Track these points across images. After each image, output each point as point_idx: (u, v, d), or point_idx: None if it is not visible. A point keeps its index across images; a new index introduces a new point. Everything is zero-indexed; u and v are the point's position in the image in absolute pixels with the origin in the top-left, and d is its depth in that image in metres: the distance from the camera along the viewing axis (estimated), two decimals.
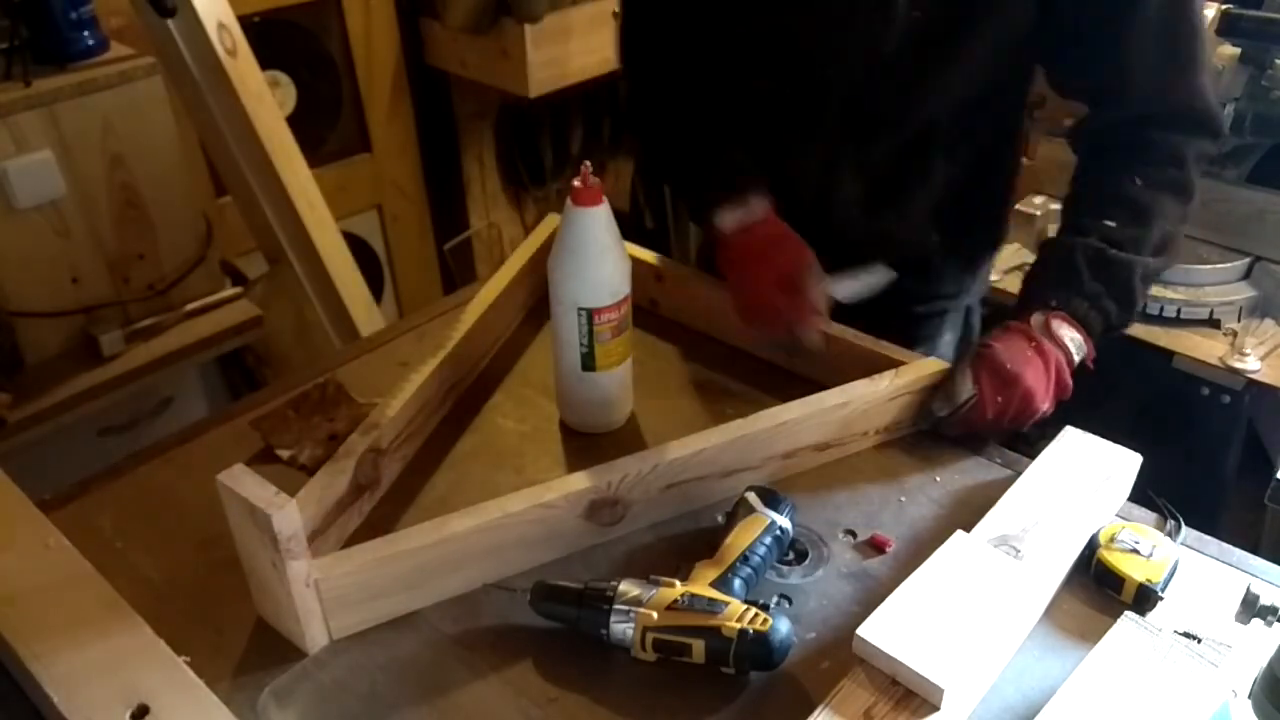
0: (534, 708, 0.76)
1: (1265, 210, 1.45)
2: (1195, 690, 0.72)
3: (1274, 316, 1.43)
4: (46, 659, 0.74)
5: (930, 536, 0.89)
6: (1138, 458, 0.93)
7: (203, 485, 0.80)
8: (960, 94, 1.07)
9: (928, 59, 1.04)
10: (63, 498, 0.96)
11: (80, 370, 1.59)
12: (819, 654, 0.79)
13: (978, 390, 0.96)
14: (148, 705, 0.70)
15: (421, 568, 0.82)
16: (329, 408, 1.06)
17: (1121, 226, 1.00)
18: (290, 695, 0.77)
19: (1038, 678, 0.77)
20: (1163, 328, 1.43)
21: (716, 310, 1.17)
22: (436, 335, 1.08)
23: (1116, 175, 1.02)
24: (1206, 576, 0.85)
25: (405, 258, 2.59)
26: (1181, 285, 1.46)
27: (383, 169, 2.44)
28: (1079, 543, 0.85)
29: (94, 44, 1.56)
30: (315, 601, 0.79)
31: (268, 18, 2.10)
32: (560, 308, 0.97)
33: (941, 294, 1.25)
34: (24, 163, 1.46)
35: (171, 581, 0.87)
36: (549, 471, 0.99)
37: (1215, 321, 1.43)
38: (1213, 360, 1.36)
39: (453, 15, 2.21)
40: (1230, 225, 1.50)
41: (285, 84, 2.20)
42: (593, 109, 2.63)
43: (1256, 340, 1.38)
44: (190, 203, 1.70)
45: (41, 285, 1.56)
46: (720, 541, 0.84)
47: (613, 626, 0.77)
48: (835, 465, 0.99)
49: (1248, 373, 1.34)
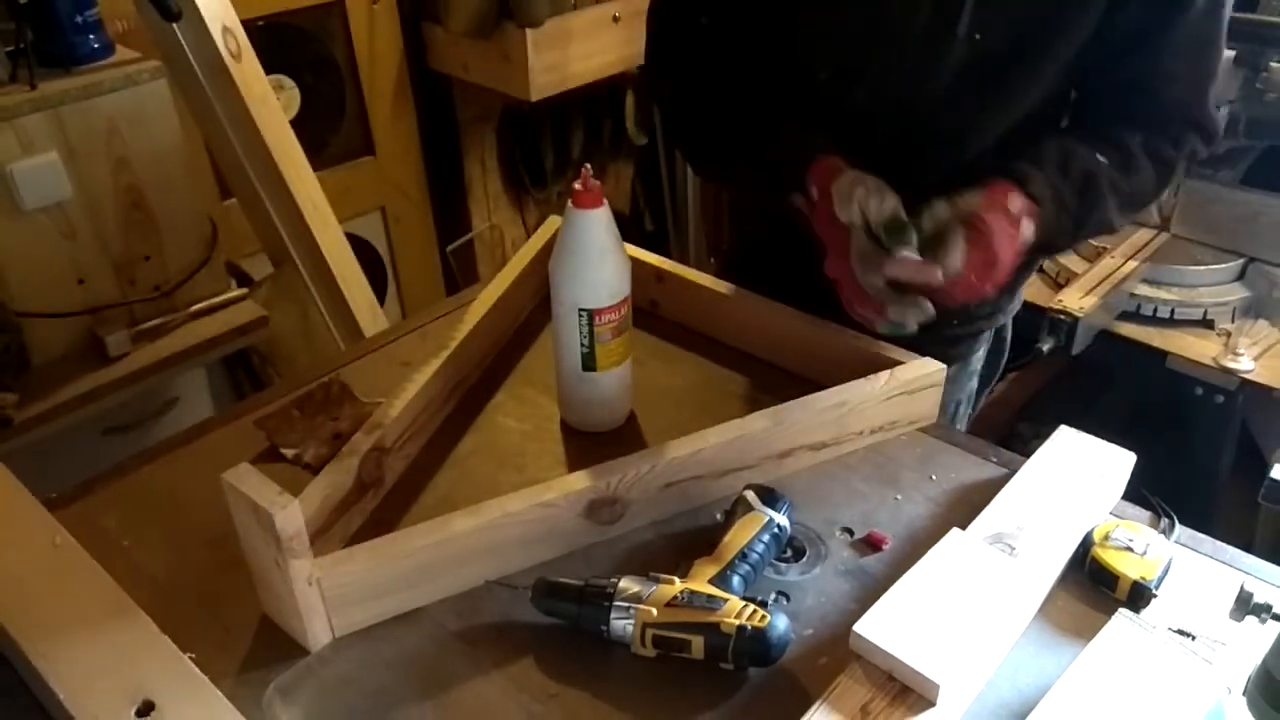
0: (535, 703, 0.77)
1: (1259, 212, 1.46)
2: (1189, 687, 0.73)
3: (1267, 317, 1.44)
4: (52, 656, 0.75)
5: (926, 534, 0.90)
6: (1132, 456, 0.94)
7: (208, 484, 0.80)
8: (1015, 118, 1.06)
9: (984, 87, 1.02)
10: (69, 496, 0.97)
11: (86, 370, 1.60)
12: (816, 650, 0.80)
13: (965, 267, 0.92)
14: (153, 701, 0.71)
15: (424, 566, 0.83)
16: (333, 407, 1.07)
17: (1109, 166, 1.02)
18: (294, 691, 0.78)
19: (1033, 674, 0.78)
20: (1157, 328, 1.44)
21: (716, 311, 1.18)
22: (439, 335, 1.09)
23: (1120, 128, 1.05)
24: (1200, 574, 0.86)
25: (408, 259, 2.60)
26: (1176, 286, 1.47)
27: (386, 171, 2.45)
28: (1073, 541, 0.86)
29: (99, 47, 1.57)
30: (318, 599, 0.80)
31: (272, 22, 2.11)
32: (561, 309, 0.98)
33: (979, 315, 1.24)
34: (30, 165, 1.47)
35: (177, 579, 0.88)
36: (550, 470, 1.00)
37: (1209, 322, 1.44)
38: (1207, 360, 1.37)
39: (455, 20, 2.22)
40: (1225, 227, 1.50)
41: (289, 87, 2.21)
42: (593, 112, 2.64)
43: (1250, 340, 1.39)
44: (195, 205, 1.70)
45: (48, 286, 1.56)
46: (719, 539, 0.85)
47: (613, 623, 0.78)
48: (832, 464, 1.00)
49: (1241, 373, 1.34)
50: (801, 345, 1.11)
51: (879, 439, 1.02)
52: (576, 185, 0.94)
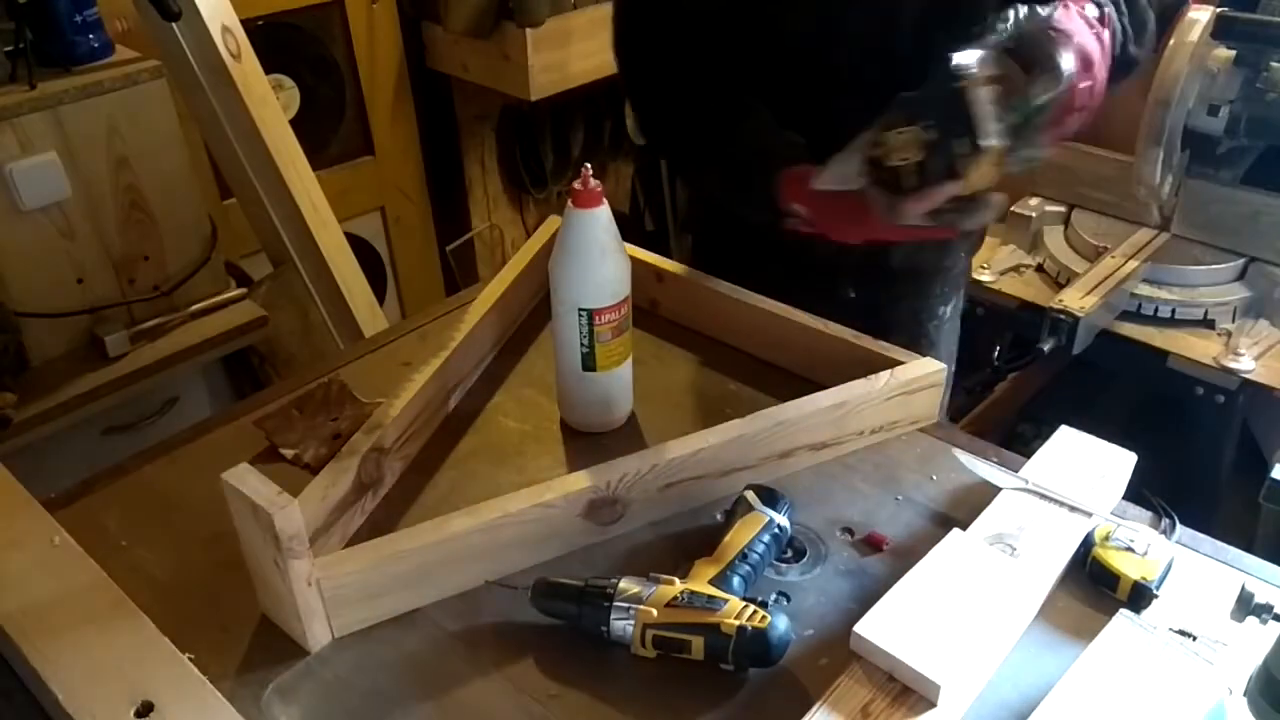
0: (535, 704, 0.77)
1: (1260, 211, 1.46)
2: (1190, 688, 0.73)
3: (1268, 317, 1.44)
4: (51, 656, 0.75)
5: (926, 534, 0.90)
6: (1132, 456, 0.94)
7: (207, 484, 0.80)
8: None
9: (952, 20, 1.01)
10: (68, 496, 0.97)
11: (85, 370, 1.60)
12: (817, 651, 0.80)
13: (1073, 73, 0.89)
14: (152, 702, 0.71)
15: (423, 566, 0.83)
16: (333, 407, 1.07)
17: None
18: (294, 692, 0.78)
19: (1034, 675, 0.77)
20: (1158, 328, 1.44)
21: (716, 311, 1.18)
22: (439, 336, 1.09)
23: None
24: (1201, 574, 0.86)
25: (408, 259, 2.60)
26: (1176, 286, 1.47)
27: (385, 171, 2.45)
28: (1074, 541, 0.86)
29: (99, 47, 1.57)
30: (318, 600, 0.80)
31: (271, 21, 2.11)
32: (561, 308, 0.98)
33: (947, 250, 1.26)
34: (29, 164, 1.47)
35: (176, 580, 0.88)
36: (550, 470, 1.00)
37: (1210, 322, 1.44)
38: (1207, 360, 1.36)
39: (454, 19, 2.22)
40: (1225, 226, 1.50)
41: (289, 87, 2.21)
42: (593, 112, 2.64)
43: (1251, 340, 1.38)
44: (195, 205, 1.70)
45: (47, 286, 1.56)
46: (719, 539, 0.85)
47: (613, 623, 0.78)
48: (832, 464, 1.00)
49: (1242, 373, 1.34)
50: (801, 345, 1.11)
51: (879, 439, 1.02)
52: (576, 184, 0.93)
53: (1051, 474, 0.91)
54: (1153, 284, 1.47)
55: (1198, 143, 1.45)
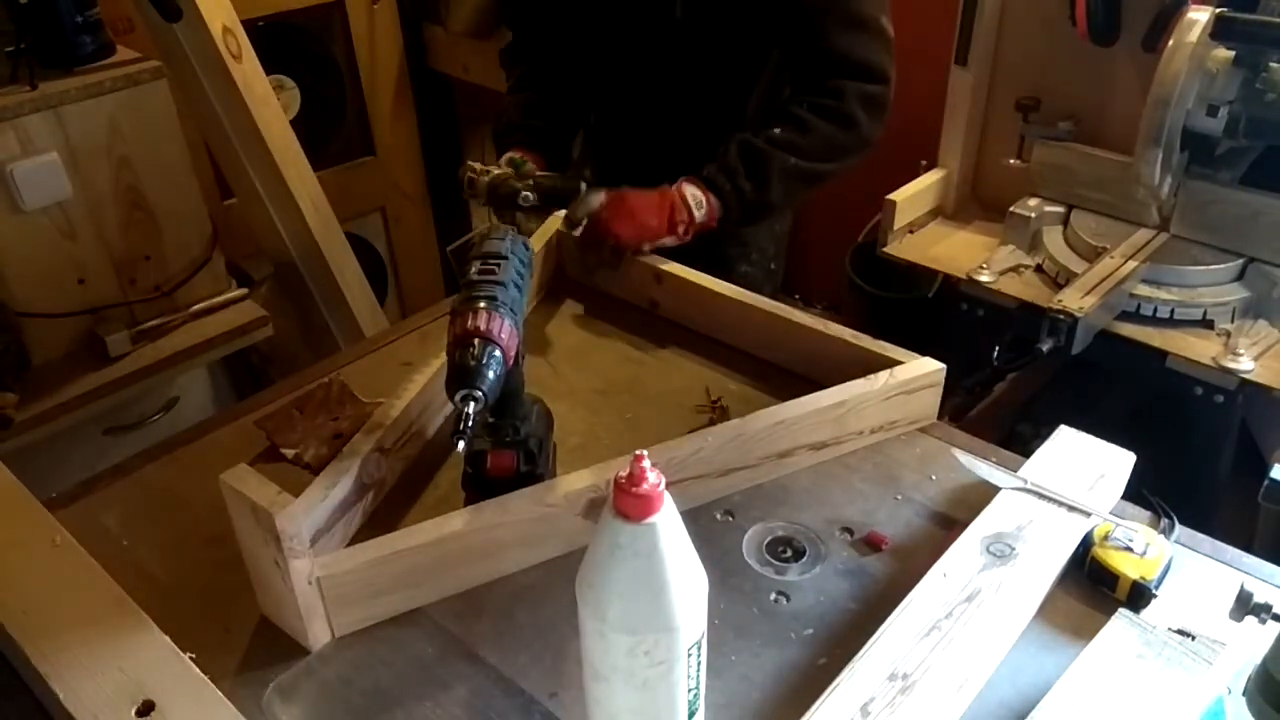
0: (535, 704, 0.77)
1: (1259, 212, 1.46)
2: (1189, 687, 0.73)
3: (1267, 317, 1.43)
4: (52, 655, 0.75)
5: (926, 534, 0.90)
6: (1131, 456, 0.94)
7: (208, 484, 0.80)
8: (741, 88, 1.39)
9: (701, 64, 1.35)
10: (69, 496, 0.97)
11: (86, 370, 1.60)
12: (817, 650, 0.80)
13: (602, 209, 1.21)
14: (153, 701, 0.71)
15: (423, 566, 0.83)
16: (334, 407, 1.07)
17: (783, 132, 1.28)
18: (294, 691, 0.78)
19: (1033, 674, 0.78)
20: (1156, 328, 1.44)
21: (716, 311, 1.18)
22: (439, 336, 1.09)
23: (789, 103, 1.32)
24: (1200, 574, 0.86)
25: (408, 259, 2.60)
26: (1175, 286, 1.46)
27: (386, 172, 2.46)
28: (1073, 540, 0.86)
29: (100, 48, 1.57)
30: (318, 599, 0.80)
31: (272, 22, 2.11)
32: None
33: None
34: (31, 165, 1.47)
35: (177, 579, 0.88)
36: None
37: (1209, 322, 1.43)
38: (1206, 360, 1.36)
39: (455, 20, 2.22)
40: (1224, 227, 1.50)
41: (290, 88, 2.21)
42: None
43: (1250, 341, 1.38)
44: (196, 205, 1.70)
45: (48, 286, 1.57)
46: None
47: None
48: (832, 464, 1.00)
49: (1241, 373, 1.34)
50: (801, 345, 1.11)
51: (879, 439, 1.03)
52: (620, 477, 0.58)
53: (1050, 474, 0.92)
54: (1152, 284, 1.47)
55: (1197, 143, 1.44)
